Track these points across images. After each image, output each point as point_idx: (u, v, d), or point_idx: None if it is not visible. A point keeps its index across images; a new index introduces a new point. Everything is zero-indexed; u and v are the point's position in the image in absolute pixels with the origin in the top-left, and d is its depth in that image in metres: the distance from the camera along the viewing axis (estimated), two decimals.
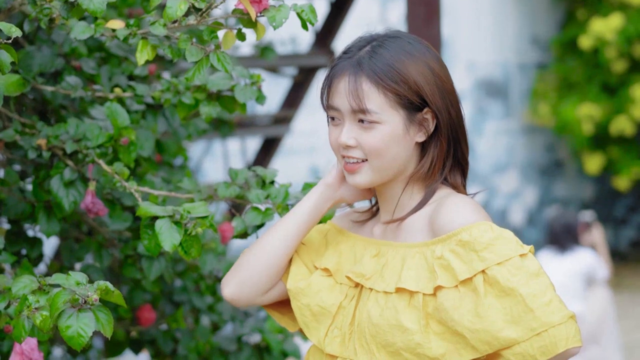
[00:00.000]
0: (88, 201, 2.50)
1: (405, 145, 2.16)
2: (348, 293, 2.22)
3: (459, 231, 2.07)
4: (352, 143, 2.16)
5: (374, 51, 2.15)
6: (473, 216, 2.10)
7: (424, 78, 2.14)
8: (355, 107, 2.13)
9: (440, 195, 2.19)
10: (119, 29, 2.37)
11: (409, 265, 2.12)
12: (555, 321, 1.99)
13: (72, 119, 2.56)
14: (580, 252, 7.93)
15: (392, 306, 2.10)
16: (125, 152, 2.53)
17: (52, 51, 2.77)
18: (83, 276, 2.00)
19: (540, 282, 2.01)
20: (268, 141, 5.37)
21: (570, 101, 10.61)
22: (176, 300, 3.29)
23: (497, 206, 10.97)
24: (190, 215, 2.26)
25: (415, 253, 2.14)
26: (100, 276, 2.84)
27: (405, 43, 2.17)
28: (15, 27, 2.04)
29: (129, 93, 2.70)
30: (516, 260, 2.01)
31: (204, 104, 2.65)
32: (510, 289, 2.00)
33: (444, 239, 2.09)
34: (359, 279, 2.19)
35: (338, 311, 2.21)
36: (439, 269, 2.07)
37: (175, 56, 2.34)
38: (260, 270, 2.28)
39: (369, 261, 2.21)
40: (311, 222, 2.30)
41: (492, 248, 2.02)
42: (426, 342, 2.06)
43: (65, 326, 1.96)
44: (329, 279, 2.26)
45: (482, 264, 2.02)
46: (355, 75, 2.14)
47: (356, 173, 2.18)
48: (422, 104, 2.14)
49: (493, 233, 2.04)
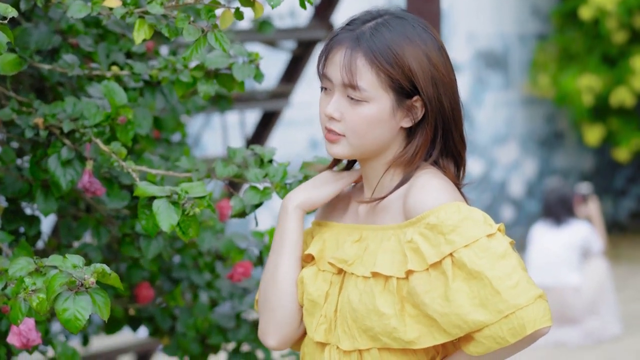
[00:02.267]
0: (85, 180, 2.49)
1: (389, 128, 2.16)
2: (332, 280, 2.23)
3: (427, 214, 2.08)
4: (336, 116, 2.16)
5: (377, 29, 2.15)
6: (441, 197, 2.11)
7: (419, 65, 2.12)
8: (346, 81, 2.14)
9: (416, 174, 2.19)
10: (116, 7, 2.35)
11: (384, 249, 2.13)
12: (522, 303, 2.00)
13: (69, 98, 2.54)
14: (575, 225, 7.95)
15: (369, 290, 2.12)
16: (123, 131, 2.52)
17: (49, 28, 2.75)
18: (80, 259, 2.00)
19: (507, 264, 2.01)
20: (267, 115, 5.35)
21: (570, 72, 10.58)
22: (174, 277, 3.28)
23: (497, 177, 10.96)
24: (188, 196, 2.25)
25: (391, 236, 2.15)
26: (98, 254, 2.84)
27: (410, 27, 2.15)
28: (12, 7, 2.02)
29: (127, 71, 2.68)
30: (483, 241, 2.02)
31: (202, 82, 2.63)
32: (477, 272, 2.00)
33: (414, 221, 2.10)
34: (341, 264, 2.21)
35: (325, 300, 2.22)
36: (410, 253, 2.08)
37: (172, 35, 2.32)
38: (290, 307, 2.28)
39: (350, 246, 2.21)
40: (301, 238, 2.31)
41: (459, 230, 2.03)
42: (401, 326, 2.07)
43: (62, 309, 1.95)
44: (312, 268, 2.27)
45: (449, 247, 2.03)
46: (352, 49, 2.14)
47: (335, 144, 2.19)
48: (413, 91, 2.14)
49: (460, 214, 2.04)
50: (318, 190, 2.30)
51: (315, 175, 2.35)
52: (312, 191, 2.29)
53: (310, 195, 2.29)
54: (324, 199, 2.30)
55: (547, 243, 7.92)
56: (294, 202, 2.29)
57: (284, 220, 2.29)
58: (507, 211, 11.08)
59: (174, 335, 3.22)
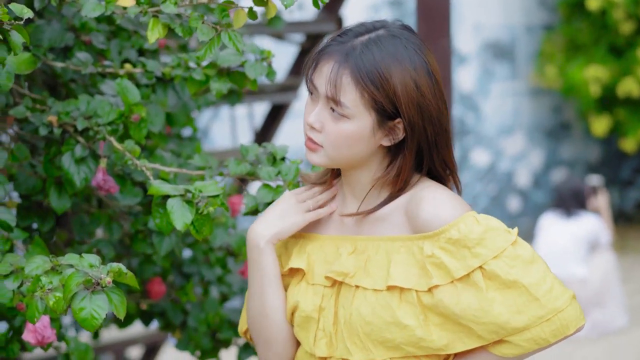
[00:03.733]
0: (99, 178, 2.50)
1: (368, 146, 2.15)
2: (325, 293, 2.22)
3: (446, 228, 2.08)
4: (317, 126, 2.15)
5: (367, 46, 2.12)
6: (455, 210, 2.10)
7: (405, 90, 2.10)
8: (329, 95, 2.12)
9: (416, 184, 2.19)
10: (130, 6, 2.36)
11: (396, 261, 2.13)
12: (561, 306, 2.07)
13: (82, 96, 2.56)
14: (585, 217, 7.95)
15: (385, 303, 2.12)
16: (136, 129, 2.54)
17: (62, 25, 2.76)
18: (96, 258, 2.01)
19: (539, 269, 2.07)
20: (276, 107, 5.36)
21: (577, 63, 10.56)
22: (186, 272, 3.30)
23: (503, 168, 10.96)
24: (202, 194, 2.27)
25: (400, 247, 2.14)
26: (110, 250, 2.85)
27: (402, 48, 2.12)
28: (27, 8, 2.03)
29: (139, 69, 2.69)
30: (510, 250, 2.05)
31: (215, 79, 2.64)
32: (512, 282, 2.05)
33: (431, 235, 2.09)
34: (341, 277, 2.19)
35: (320, 314, 2.21)
36: (432, 268, 2.08)
37: (186, 34, 2.33)
38: (286, 336, 2.29)
39: (347, 259, 2.20)
40: (278, 268, 2.29)
41: (484, 243, 2.05)
42: (428, 335, 2.10)
43: (79, 308, 1.97)
44: (300, 284, 2.26)
45: (477, 261, 2.05)
46: (340, 65, 2.11)
47: (313, 152, 2.18)
48: (395, 113, 2.12)
49: (480, 226, 2.06)
50: (285, 222, 2.27)
51: (281, 199, 2.32)
52: (279, 224, 2.27)
53: (279, 230, 2.27)
54: (292, 231, 2.27)
55: (556, 234, 7.93)
56: (265, 237, 2.26)
57: (259, 256, 2.27)
58: (513, 202, 11.08)
59: (185, 329, 3.24)
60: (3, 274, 2.20)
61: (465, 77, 10.50)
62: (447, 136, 2.17)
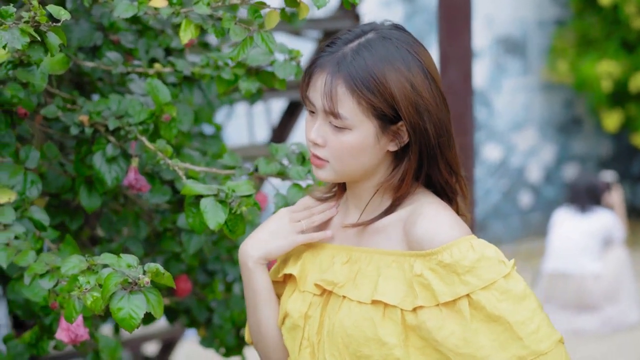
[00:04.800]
0: (131, 178, 2.52)
1: (374, 154, 2.08)
2: (313, 301, 2.16)
3: (439, 250, 2.00)
4: (320, 142, 2.08)
5: (358, 52, 2.04)
6: (452, 232, 2.03)
7: (402, 92, 2.02)
8: (327, 109, 2.05)
9: (417, 199, 2.12)
10: (162, 7, 2.37)
11: (385, 276, 2.06)
12: (544, 349, 1.99)
13: (113, 95, 2.57)
14: (599, 213, 7.96)
15: (368, 317, 2.05)
16: (167, 129, 2.55)
17: (91, 25, 2.78)
18: (134, 258, 2.02)
19: (527, 306, 1.99)
20: (293, 104, 5.38)
21: (589, 58, 10.55)
22: (210, 269, 3.31)
23: (515, 164, 10.96)
24: (235, 194, 2.28)
25: (392, 262, 2.07)
26: (139, 247, 2.87)
27: (393, 49, 2.04)
28: (65, 9, 2.05)
29: (169, 68, 2.71)
30: (501, 283, 1.98)
31: (243, 79, 2.65)
32: (497, 317, 1.97)
33: (423, 254, 2.02)
34: (330, 286, 2.13)
35: (305, 322, 2.16)
36: (419, 287, 2.02)
37: (219, 35, 2.34)
38: (284, 351, 2.24)
39: (340, 268, 2.14)
40: (271, 285, 2.24)
41: (475, 271, 1.98)
42: (406, 357, 2.02)
43: (117, 308, 1.98)
44: (289, 289, 2.22)
45: (465, 288, 1.98)
46: (333, 76, 2.04)
47: (320, 169, 2.11)
48: (396, 117, 2.04)
49: (475, 254, 1.99)
50: (272, 244, 2.20)
51: (276, 216, 2.24)
52: (267, 245, 2.20)
53: (266, 252, 2.20)
54: (279, 253, 2.21)
55: (569, 230, 7.94)
56: (252, 258, 2.20)
57: (249, 277, 2.22)
58: (525, 197, 11.09)
59: (210, 327, 3.25)
60: (39, 273, 2.22)
61: (477, 72, 10.50)
62: (449, 136, 2.10)
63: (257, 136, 7.00)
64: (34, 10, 2.02)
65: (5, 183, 2.41)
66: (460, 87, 3.71)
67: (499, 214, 10.78)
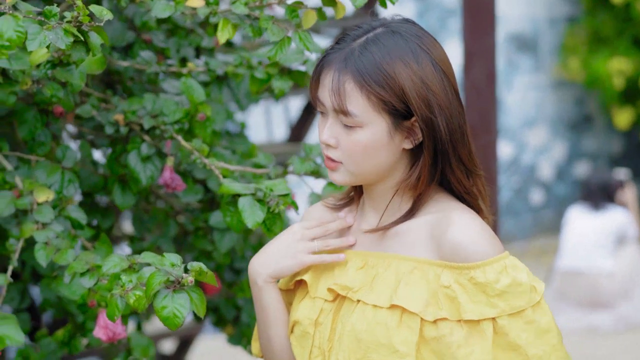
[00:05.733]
0: (167, 177, 2.53)
1: (389, 152, 2.00)
2: (324, 307, 2.07)
3: (472, 266, 1.93)
4: (332, 142, 2.01)
5: (365, 47, 1.97)
6: (487, 248, 1.95)
7: (412, 85, 1.95)
8: (336, 107, 1.97)
9: (441, 203, 2.04)
10: (199, 7, 2.38)
11: (406, 282, 1.98)
12: None
13: (148, 95, 2.58)
14: (613, 211, 7.97)
15: (382, 322, 1.97)
16: (202, 128, 2.56)
17: (123, 24, 2.79)
18: (177, 257, 2.03)
19: (548, 341, 1.95)
20: (311, 102, 5.38)
21: (600, 55, 10.56)
22: (236, 267, 3.32)
23: (526, 161, 10.97)
24: (273, 193, 2.29)
25: (413, 269, 1.99)
26: (170, 246, 2.88)
27: (402, 42, 1.97)
28: (106, 10, 2.06)
29: (202, 67, 2.72)
30: (528, 313, 1.94)
31: (276, 78, 2.66)
32: (518, 346, 1.93)
33: (454, 267, 1.95)
34: (344, 291, 2.04)
35: (316, 329, 2.07)
36: (444, 299, 1.95)
37: (256, 35, 2.35)
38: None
39: (355, 273, 2.05)
40: (282, 302, 2.16)
41: (505, 296, 1.92)
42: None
43: (161, 307, 1.98)
44: (299, 296, 2.14)
45: (493, 311, 1.92)
46: (340, 72, 1.97)
47: (334, 171, 2.03)
48: (409, 112, 1.96)
49: (508, 278, 1.93)
50: (282, 264, 2.11)
51: (288, 232, 2.13)
52: (276, 265, 2.11)
53: (274, 271, 2.11)
54: (288, 274, 2.12)
55: (583, 227, 7.95)
56: (261, 276, 2.12)
57: (259, 294, 2.14)
58: (536, 194, 11.09)
59: (238, 325, 3.26)
60: (79, 272, 2.23)
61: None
62: (462, 133, 2.01)
63: (275, 134, 7.00)
64: (78, 10, 2.02)
65: (43, 182, 2.42)
66: (484, 85, 3.72)
67: (510, 212, 10.79)
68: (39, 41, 2.03)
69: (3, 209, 2.36)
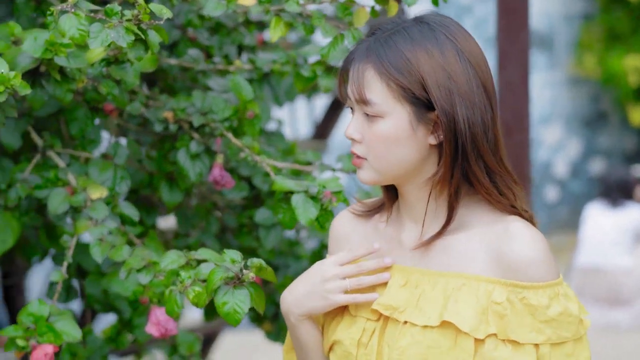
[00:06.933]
0: (216, 174, 2.54)
1: (413, 146, 1.91)
2: (366, 327, 1.98)
3: (527, 286, 1.87)
4: (357, 137, 1.94)
5: (390, 37, 1.91)
6: (546, 270, 1.88)
7: (434, 74, 1.87)
8: (357, 97, 1.92)
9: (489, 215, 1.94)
10: (251, 5, 2.39)
11: (455, 299, 1.89)
12: None
13: (196, 92, 2.60)
14: (630, 208, 7.98)
15: (435, 345, 1.88)
16: (250, 125, 2.57)
17: (168, 22, 2.80)
18: (238, 254, 2.05)
19: None
20: (337, 100, 5.38)
21: (616, 52, 10.56)
22: (275, 264, 3.33)
23: (541, 158, 10.97)
24: (326, 190, 2.30)
25: (461, 285, 1.90)
26: (214, 243, 2.89)
27: (428, 31, 1.91)
28: (166, 8, 2.08)
29: (249, 65, 2.73)
30: (569, 345, 1.89)
31: (323, 76, 2.67)
32: None
33: (508, 284, 1.88)
34: (388, 311, 1.94)
35: (359, 349, 1.98)
36: (493, 316, 1.88)
37: (308, 32, 2.37)
38: None
39: (397, 291, 1.95)
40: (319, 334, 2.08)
41: (553, 324, 1.87)
42: None
43: (222, 302, 2.01)
44: (336, 312, 2.05)
45: (538, 337, 1.87)
46: (362, 62, 1.91)
47: (360, 169, 1.96)
48: (430, 102, 1.88)
49: (559, 306, 1.87)
50: (316, 303, 2.02)
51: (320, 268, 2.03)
52: (310, 303, 2.02)
53: (308, 310, 2.03)
54: (323, 312, 2.03)
55: (601, 224, 7.95)
56: (294, 314, 2.04)
57: (293, 329, 2.06)
58: (551, 191, 11.10)
59: (276, 321, 3.27)
60: (136, 268, 2.24)
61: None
62: (485, 128, 1.90)
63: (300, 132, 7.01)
64: (139, 8, 2.04)
65: (96, 179, 2.44)
66: (518, 84, 3.73)
67: None
68: (100, 39, 2.04)
69: (57, 206, 2.37)
